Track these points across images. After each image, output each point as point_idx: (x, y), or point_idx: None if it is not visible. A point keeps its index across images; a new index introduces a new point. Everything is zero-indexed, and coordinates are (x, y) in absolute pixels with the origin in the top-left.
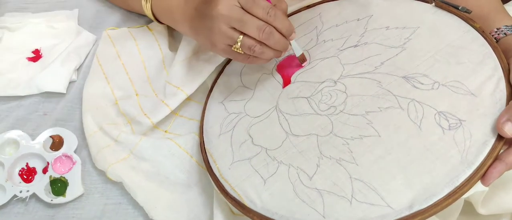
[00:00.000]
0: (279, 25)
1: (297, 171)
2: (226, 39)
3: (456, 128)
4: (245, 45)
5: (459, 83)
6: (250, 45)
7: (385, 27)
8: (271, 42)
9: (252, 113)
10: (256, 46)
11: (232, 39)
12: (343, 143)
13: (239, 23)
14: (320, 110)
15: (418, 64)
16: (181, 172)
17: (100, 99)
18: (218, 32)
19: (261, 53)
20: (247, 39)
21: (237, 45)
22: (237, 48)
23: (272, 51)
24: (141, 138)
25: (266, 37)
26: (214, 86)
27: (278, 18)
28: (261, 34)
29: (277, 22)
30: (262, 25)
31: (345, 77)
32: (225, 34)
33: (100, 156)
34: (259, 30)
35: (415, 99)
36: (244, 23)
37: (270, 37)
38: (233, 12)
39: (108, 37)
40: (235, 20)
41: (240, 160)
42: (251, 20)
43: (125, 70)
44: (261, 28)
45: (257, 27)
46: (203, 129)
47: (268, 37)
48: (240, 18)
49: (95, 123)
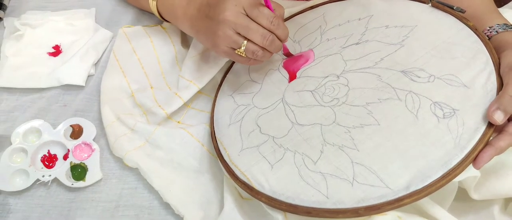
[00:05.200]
0: (280, 33)
1: (303, 156)
2: (230, 42)
3: (450, 117)
4: (249, 50)
5: (453, 76)
6: (254, 50)
7: (385, 26)
8: (271, 48)
9: (260, 105)
10: (259, 51)
11: (237, 44)
12: (345, 131)
13: (244, 30)
14: (324, 102)
15: (416, 59)
16: (193, 159)
17: (117, 91)
18: (223, 36)
19: (262, 57)
20: (251, 44)
21: (241, 49)
22: (240, 52)
23: (270, 54)
24: (156, 128)
25: (268, 44)
26: (223, 81)
27: (279, 27)
28: (265, 42)
29: (279, 31)
30: (266, 34)
31: (347, 72)
32: (230, 38)
33: (118, 144)
34: (263, 38)
35: (412, 91)
36: (249, 30)
37: (272, 44)
38: (239, 19)
39: (124, 34)
40: (241, 26)
41: (249, 148)
42: (256, 28)
43: (141, 64)
44: (265, 36)
45: (261, 35)
46: (214, 119)
47: (271, 44)
48: (246, 26)
49: (112, 113)
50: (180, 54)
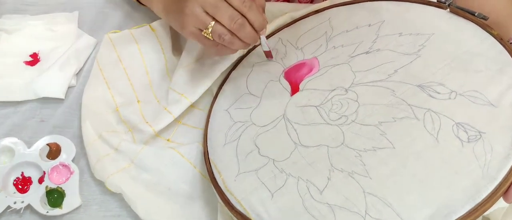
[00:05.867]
0: (252, 17)
1: (307, 184)
2: (197, 22)
3: (476, 141)
4: (216, 32)
5: (477, 92)
6: (221, 33)
7: (398, 33)
8: (241, 34)
9: (259, 122)
10: (226, 35)
11: (204, 24)
12: (355, 155)
13: (213, 9)
14: (331, 119)
15: (434, 72)
16: (183, 183)
17: (100, 105)
18: (190, 14)
19: (230, 43)
20: (218, 26)
21: (208, 30)
22: (207, 34)
23: (241, 42)
24: (143, 147)
25: (237, 28)
26: (219, 93)
27: (252, 10)
28: (232, 24)
29: (250, 14)
30: (235, 15)
31: (357, 85)
32: (197, 17)
33: (99, 166)
34: (231, 19)
35: (431, 109)
36: (218, 9)
37: (241, 28)
38: None
39: (109, 41)
40: (209, 4)
41: (246, 172)
42: (225, 7)
43: (127, 75)
44: (233, 18)
45: (229, 16)
46: (207, 138)
47: (239, 29)
48: (214, 4)
49: (94, 130)
50: (171, 63)
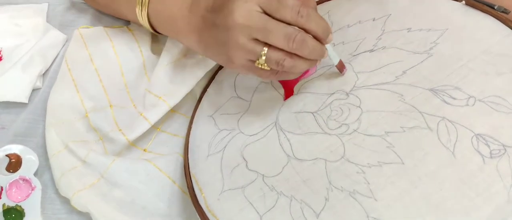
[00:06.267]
0: (313, 27)
1: (301, 205)
2: (246, 54)
3: (500, 156)
4: (272, 59)
5: (500, 98)
6: (278, 59)
7: (407, 28)
8: (305, 52)
9: (247, 131)
10: (285, 59)
11: (255, 54)
12: (357, 171)
13: (262, 33)
14: (329, 128)
15: (449, 74)
16: (161, 201)
17: (68, 111)
18: (236, 46)
19: (292, 67)
20: (273, 52)
21: (261, 60)
22: (261, 64)
23: (305, 62)
24: (114, 159)
25: (298, 47)
26: (203, 96)
27: (312, 18)
28: (291, 44)
29: (311, 24)
30: (291, 32)
31: (360, 88)
32: (244, 48)
33: (64, 181)
34: (288, 39)
35: (446, 118)
36: (268, 32)
37: (304, 45)
38: (253, 19)
39: (80, 37)
40: (256, 29)
41: (232, 189)
42: (277, 27)
43: (98, 76)
44: (290, 36)
45: (285, 35)
46: (189, 148)
47: (301, 46)
48: (263, 27)
49: (60, 139)
50: (150, 62)
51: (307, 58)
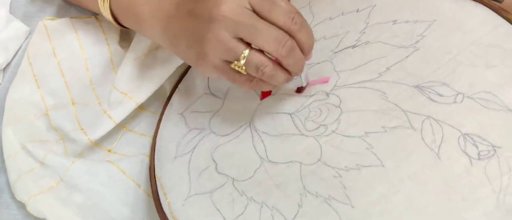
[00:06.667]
0: (303, 38)
1: (272, 212)
2: (224, 52)
3: (489, 158)
4: (252, 63)
5: (490, 94)
6: (259, 64)
7: (392, 20)
8: (290, 61)
9: (219, 131)
10: (267, 66)
11: (234, 54)
12: (334, 175)
13: (249, 32)
14: (307, 129)
15: (436, 69)
16: (124, 206)
17: (27, 108)
18: (214, 41)
19: (271, 76)
20: (255, 54)
21: (240, 62)
22: (239, 67)
23: (285, 74)
24: (74, 161)
25: (286, 54)
26: (173, 93)
27: (304, 28)
28: (280, 49)
29: (302, 34)
30: (282, 37)
31: (340, 87)
32: (224, 45)
33: (20, 184)
34: (278, 42)
35: (431, 116)
36: (257, 32)
37: (291, 54)
38: (242, 15)
39: (44, 29)
40: (244, 27)
41: (198, 194)
42: (267, 28)
43: (61, 71)
44: (281, 40)
45: (275, 38)
46: (155, 149)
47: (289, 54)
48: (252, 25)
49: (17, 139)
50: (118, 57)
51: (288, 69)
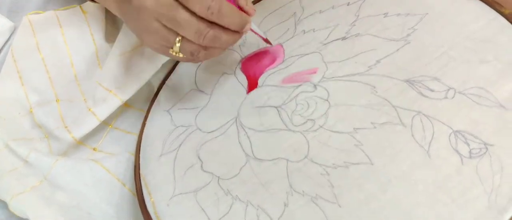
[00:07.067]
0: (226, 23)
1: (257, 211)
2: (158, 39)
3: (480, 156)
4: (186, 50)
5: (483, 90)
6: (193, 51)
7: (383, 13)
8: (217, 45)
9: (205, 127)
10: (200, 51)
11: (168, 41)
12: (321, 172)
13: (172, 23)
14: (293, 124)
15: (427, 64)
16: (108, 205)
17: (11, 105)
18: (149, 30)
19: (208, 55)
20: (187, 43)
21: (176, 48)
22: (176, 52)
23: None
24: (57, 159)
25: (210, 43)
26: (160, 89)
27: (222, 14)
28: (202, 40)
29: (224, 20)
30: (202, 29)
31: (329, 79)
32: (158, 34)
33: (3, 183)
34: (198, 35)
35: (422, 112)
36: (178, 25)
37: (215, 41)
38: (163, 7)
39: (28, 24)
40: (166, 18)
41: (183, 193)
42: (187, 21)
43: (45, 66)
44: (201, 32)
45: (196, 31)
46: (141, 147)
47: (213, 42)
48: (172, 17)
49: (0, 138)
50: (104, 52)
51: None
